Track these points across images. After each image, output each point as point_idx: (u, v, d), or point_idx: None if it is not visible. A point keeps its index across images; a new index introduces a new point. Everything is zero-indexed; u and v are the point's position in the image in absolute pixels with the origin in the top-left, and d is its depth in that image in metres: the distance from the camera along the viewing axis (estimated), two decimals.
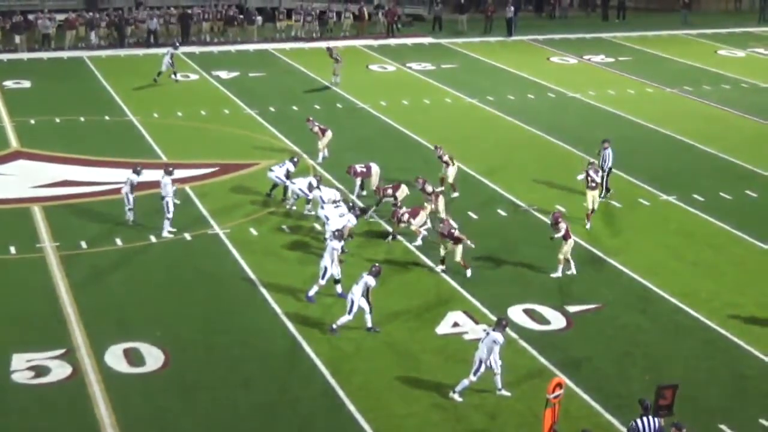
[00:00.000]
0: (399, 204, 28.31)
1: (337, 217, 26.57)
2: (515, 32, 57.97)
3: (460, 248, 25.21)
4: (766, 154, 35.86)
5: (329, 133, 34.21)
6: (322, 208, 27.20)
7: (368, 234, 28.24)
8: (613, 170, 31.45)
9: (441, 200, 28.42)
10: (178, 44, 48.51)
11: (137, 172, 28.45)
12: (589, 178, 28.93)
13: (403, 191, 29.03)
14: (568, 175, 32.45)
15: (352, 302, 22.44)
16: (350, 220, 26.59)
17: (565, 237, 25.58)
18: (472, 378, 19.96)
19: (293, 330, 22.80)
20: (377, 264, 23.28)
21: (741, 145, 36.95)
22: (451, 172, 30.99)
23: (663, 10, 66.22)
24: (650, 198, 31.42)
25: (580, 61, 52.24)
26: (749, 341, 22.54)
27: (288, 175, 29.75)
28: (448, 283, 25.33)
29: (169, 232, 27.77)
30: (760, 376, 21.28)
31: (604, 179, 30.84)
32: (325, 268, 24.03)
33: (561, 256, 25.67)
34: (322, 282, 24.08)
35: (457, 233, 25.10)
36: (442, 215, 28.09)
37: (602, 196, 30.55)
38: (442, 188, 30.61)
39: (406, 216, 27.43)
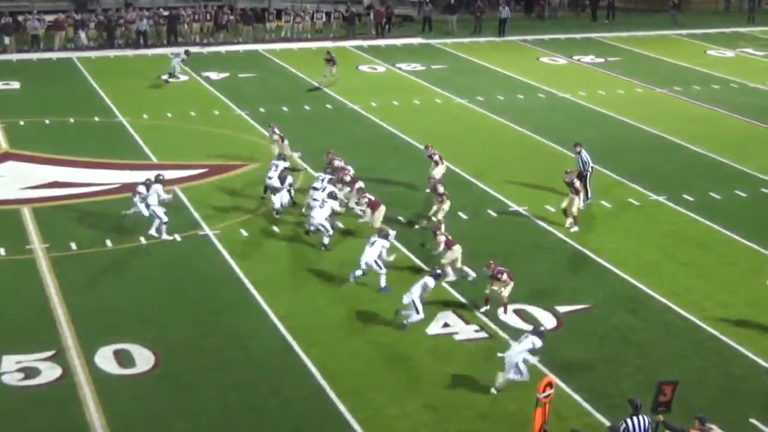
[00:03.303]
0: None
1: (319, 207, 27.24)
2: (506, 33, 58.10)
3: (509, 289, 23.55)
4: (755, 154, 35.95)
5: (287, 143, 32.96)
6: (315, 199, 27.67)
7: (356, 234, 28.22)
8: (603, 171, 31.54)
9: (447, 203, 28.38)
10: (190, 52, 48.48)
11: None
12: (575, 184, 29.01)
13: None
14: (557, 175, 32.48)
15: (413, 302, 22.58)
16: (333, 207, 27.60)
17: (448, 245, 25.23)
18: (515, 377, 20.02)
19: (284, 331, 22.76)
20: (438, 268, 23.74)
21: (730, 145, 37.03)
22: (438, 172, 30.97)
23: (652, 10, 66.38)
24: (640, 198, 31.45)
25: (569, 61, 52.32)
26: (740, 341, 22.56)
27: (282, 179, 29.29)
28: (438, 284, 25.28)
29: (154, 235, 27.51)
30: (751, 375, 21.32)
31: (585, 184, 30.81)
32: (375, 262, 24.67)
33: (445, 261, 25.13)
34: (383, 270, 24.75)
35: (505, 276, 23.49)
36: (440, 215, 28.01)
37: (586, 200, 30.62)
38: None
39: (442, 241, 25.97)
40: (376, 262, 24.75)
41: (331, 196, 27.95)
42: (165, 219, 27.53)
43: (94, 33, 54.05)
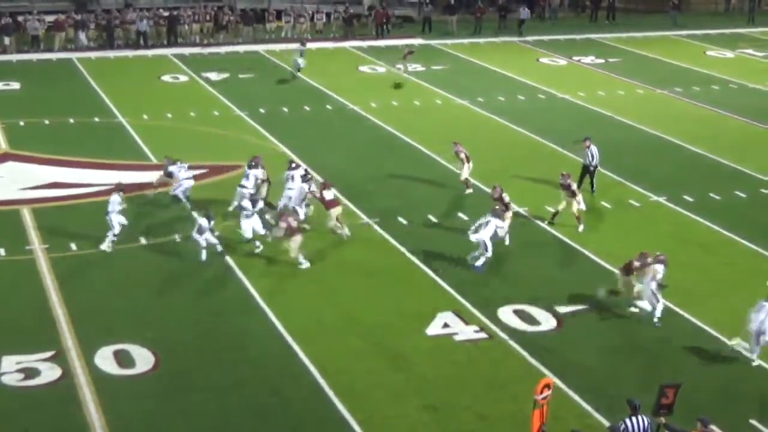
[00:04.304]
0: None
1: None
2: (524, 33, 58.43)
3: (627, 282, 24.14)
4: (754, 155, 35.96)
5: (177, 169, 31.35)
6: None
7: (353, 235, 28.23)
8: (603, 171, 31.56)
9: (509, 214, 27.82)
10: (305, 43, 49.03)
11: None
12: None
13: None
14: (557, 175, 32.51)
15: (652, 292, 23.08)
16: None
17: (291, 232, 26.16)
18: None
19: (283, 331, 22.77)
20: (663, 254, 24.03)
21: (730, 146, 37.05)
22: (465, 171, 31.42)
23: (652, 11, 66.35)
24: (640, 199, 31.45)
25: (569, 62, 52.34)
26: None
27: (254, 201, 28.61)
28: (437, 284, 25.33)
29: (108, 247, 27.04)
30: (751, 376, 21.31)
31: (592, 177, 31.06)
32: (484, 242, 25.73)
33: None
34: (489, 252, 25.80)
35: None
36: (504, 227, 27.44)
37: (592, 192, 30.80)
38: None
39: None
40: (485, 242, 25.76)
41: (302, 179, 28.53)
42: (117, 231, 27.01)
43: (94, 33, 54.07)
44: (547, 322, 23.48)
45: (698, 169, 34.88)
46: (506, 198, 27.75)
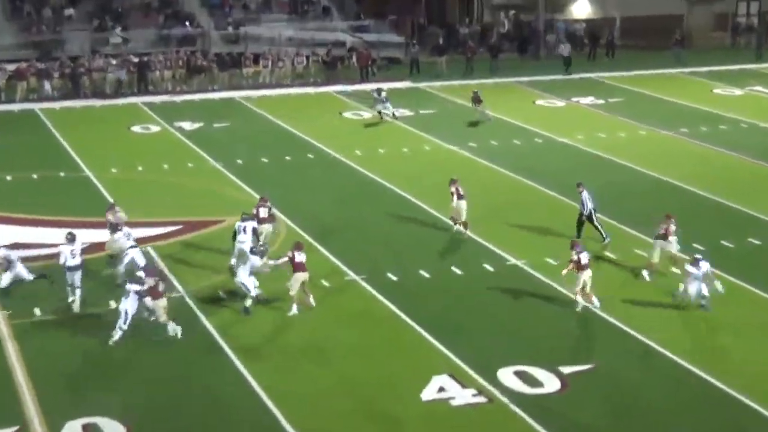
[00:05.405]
0: None
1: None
2: (569, 71, 59.83)
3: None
4: None
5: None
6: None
7: (340, 291, 28.08)
8: (603, 218, 31.51)
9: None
10: (382, 90, 49.54)
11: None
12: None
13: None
14: (556, 224, 32.47)
15: None
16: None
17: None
18: None
19: (261, 393, 22.49)
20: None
21: (742, 190, 37.01)
22: (459, 208, 31.87)
23: (654, 47, 66.67)
24: (646, 247, 31.21)
25: (567, 103, 52.51)
26: (755, 399, 22.34)
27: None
28: (432, 344, 25.11)
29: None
30: None
31: (586, 222, 31.10)
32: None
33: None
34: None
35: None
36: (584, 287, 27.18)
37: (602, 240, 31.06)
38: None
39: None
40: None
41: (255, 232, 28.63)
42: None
43: (59, 83, 54.13)
44: (550, 383, 23.26)
45: (708, 214, 34.82)
46: (576, 257, 26.86)
